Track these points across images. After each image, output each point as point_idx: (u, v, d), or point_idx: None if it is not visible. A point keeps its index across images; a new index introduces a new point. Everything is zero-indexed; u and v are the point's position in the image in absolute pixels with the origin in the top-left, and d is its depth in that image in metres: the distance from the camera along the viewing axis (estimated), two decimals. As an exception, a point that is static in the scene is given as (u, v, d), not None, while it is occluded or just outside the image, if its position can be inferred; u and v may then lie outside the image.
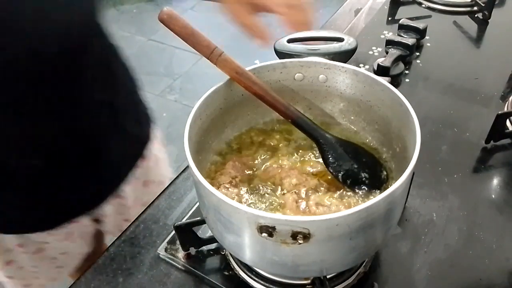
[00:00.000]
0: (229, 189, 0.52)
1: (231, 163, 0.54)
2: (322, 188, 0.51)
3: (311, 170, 0.53)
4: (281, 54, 0.60)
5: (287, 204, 0.50)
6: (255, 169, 0.54)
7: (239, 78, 0.50)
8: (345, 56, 0.58)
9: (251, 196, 0.51)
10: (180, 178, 0.68)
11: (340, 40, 0.59)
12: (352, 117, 0.57)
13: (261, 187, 0.52)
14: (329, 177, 0.52)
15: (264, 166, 0.54)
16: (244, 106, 0.56)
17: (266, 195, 0.51)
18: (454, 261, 0.56)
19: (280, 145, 0.57)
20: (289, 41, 0.61)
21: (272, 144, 0.57)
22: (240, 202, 0.50)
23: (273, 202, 0.50)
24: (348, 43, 0.59)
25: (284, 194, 0.51)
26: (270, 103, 0.51)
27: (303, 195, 0.50)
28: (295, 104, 0.58)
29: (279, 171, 0.53)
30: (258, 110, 0.57)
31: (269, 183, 0.52)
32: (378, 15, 1.05)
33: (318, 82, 0.55)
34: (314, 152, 0.56)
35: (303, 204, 0.49)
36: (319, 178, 0.52)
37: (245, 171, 0.54)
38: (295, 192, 0.51)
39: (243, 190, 0.52)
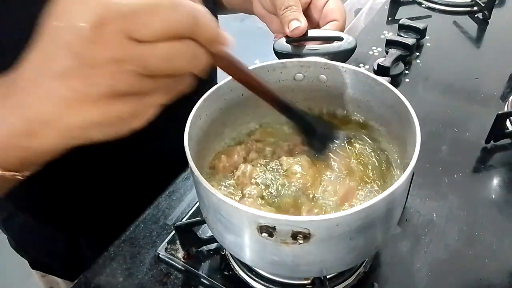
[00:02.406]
0: (231, 186, 0.52)
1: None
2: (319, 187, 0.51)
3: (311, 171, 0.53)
4: (280, 54, 0.60)
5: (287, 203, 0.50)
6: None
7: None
8: (344, 55, 0.58)
9: (250, 194, 0.51)
10: (180, 178, 0.68)
11: (339, 39, 0.59)
12: (352, 117, 0.57)
13: (260, 187, 0.52)
14: (328, 178, 0.53)
15: (264, 165, 0.54)
16: (244, 106, 0.56)
17: (266, 195, 0.51)
18: (454, 261, 0.56)
19: (279, 145, 0.57)
20: (288, 41, 0.61)
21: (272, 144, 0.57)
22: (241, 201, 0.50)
23: (273, 202, 0.50)
24: (347, 42, 0.59)
25: (283, 193, 0.51)
26: (254, 86, 0.44)
27: (303, 195, 0.50)
28: (295, 104, 0.58)
29: (279, 170, 0.53)
30: (258, 110, 0.56)
31: (268, 182, 0.52)
32: (378, 15, 1.05)
33: (318, 82, 0.55)
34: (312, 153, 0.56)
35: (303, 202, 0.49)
36: (318, 178, 0.52)
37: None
38: (294, 191, 0.51)
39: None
